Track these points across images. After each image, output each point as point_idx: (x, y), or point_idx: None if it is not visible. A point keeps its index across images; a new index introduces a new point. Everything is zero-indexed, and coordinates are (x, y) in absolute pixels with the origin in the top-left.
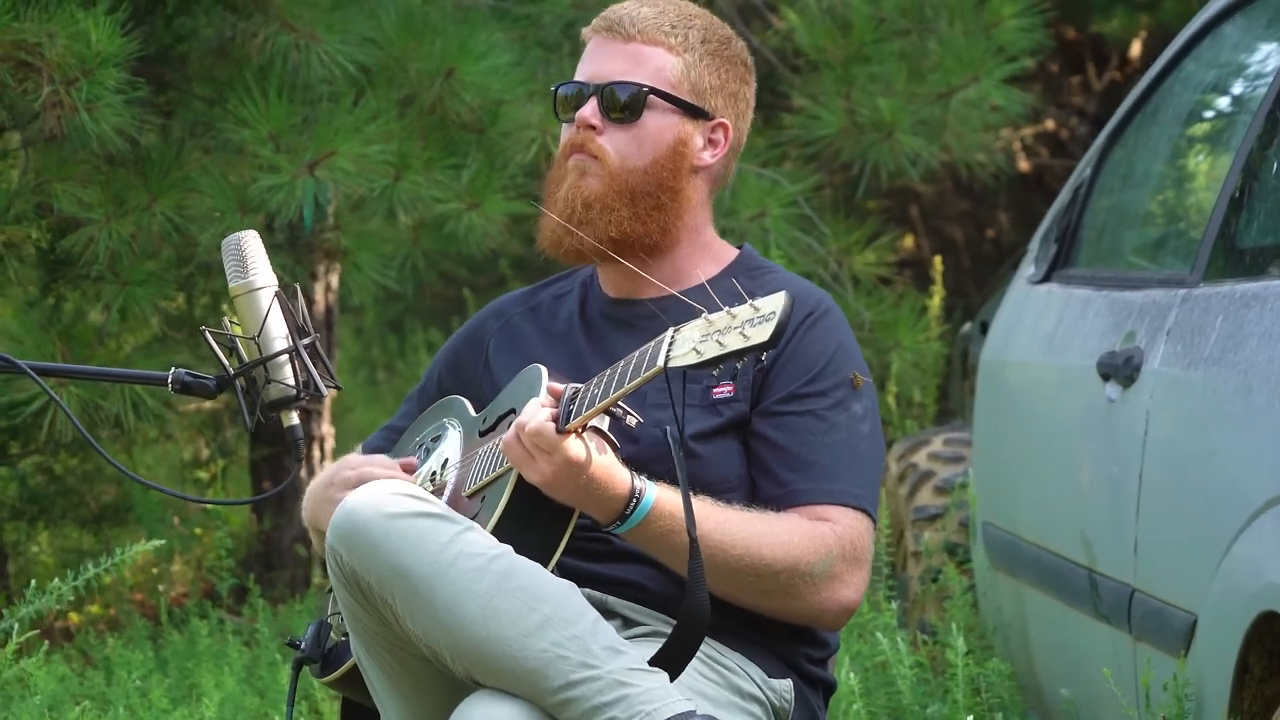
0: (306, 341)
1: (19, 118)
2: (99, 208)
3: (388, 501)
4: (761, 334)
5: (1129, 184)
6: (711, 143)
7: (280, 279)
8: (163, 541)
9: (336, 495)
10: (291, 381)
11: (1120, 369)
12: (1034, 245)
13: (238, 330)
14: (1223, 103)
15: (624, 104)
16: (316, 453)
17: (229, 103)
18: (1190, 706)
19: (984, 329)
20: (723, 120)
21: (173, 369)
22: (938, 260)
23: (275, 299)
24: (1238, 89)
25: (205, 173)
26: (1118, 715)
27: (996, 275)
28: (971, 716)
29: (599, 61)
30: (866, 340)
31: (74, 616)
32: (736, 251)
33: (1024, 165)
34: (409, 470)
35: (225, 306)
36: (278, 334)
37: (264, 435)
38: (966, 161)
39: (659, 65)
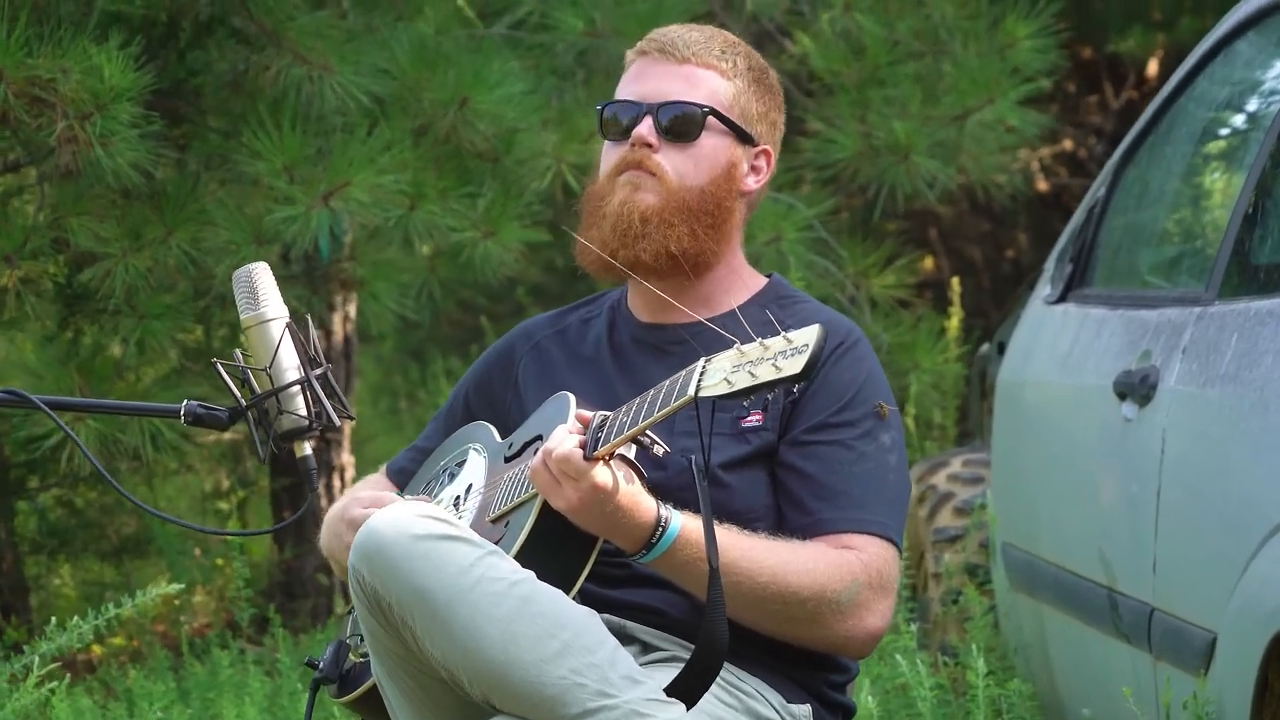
0: (318, 372)
1: (35, 153)
2: (115, 242)
3: (411, 523)
4: (794, 366)
5: (1143, 203)
6: (755, 169)
7: (294, 310)
8: (182, 586)
9: (346, 538)
10: (304, 412)
11: (1136, 388)
12: (1050, 265)
13: (250, 362)
14: (1236, 120)
15: (683, 123)
16: (337, 482)
17: (243, 135)
18: None
19: (1001, 349)
20: (766, 147)
21: (185, 401)
22: (955, 281)
23: (286, 330)
24: (1250, 106)
25: (221, 205)
26: None
27: (1013, 296)
28: None
29: (653, 81)
30: (885, 363)
31: (96, 649)
32: (766, 280)
33: (1042, 185)
34: None
35: (242, 337)
36: (289, 365)
37: (284, 466)
38: (983, 183)
39: (713, 88)
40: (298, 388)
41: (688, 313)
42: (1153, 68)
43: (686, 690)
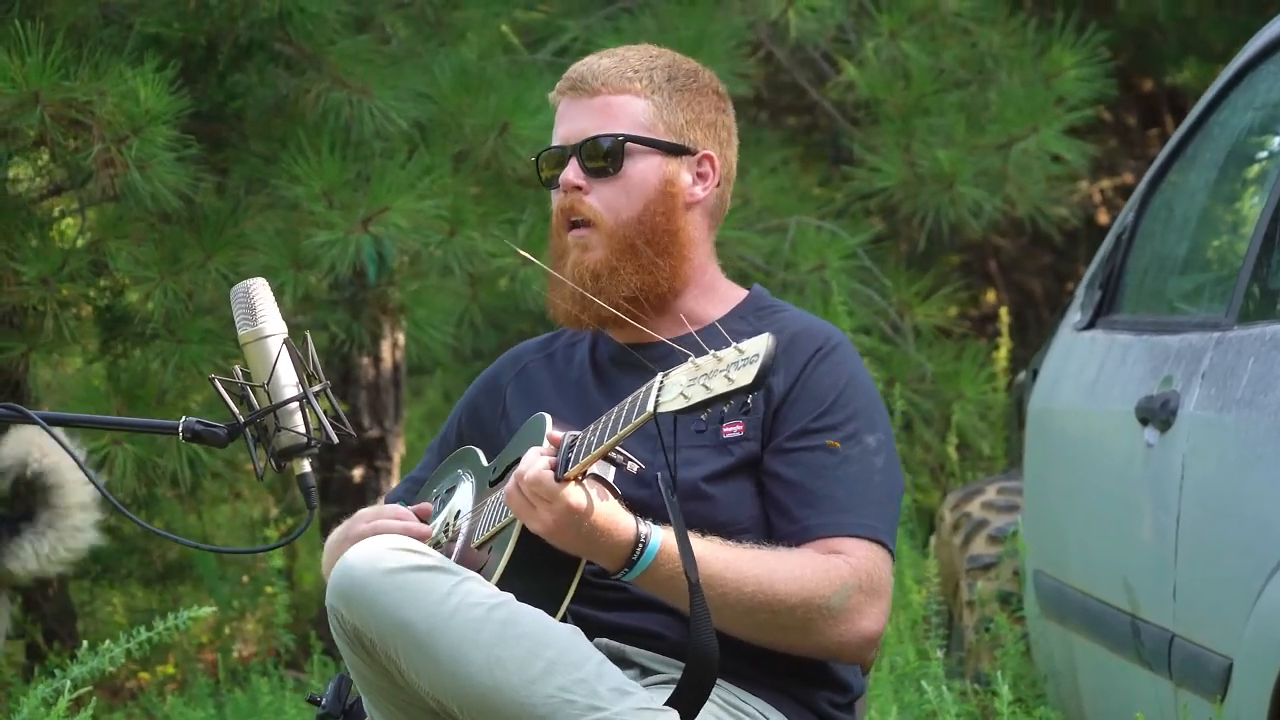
0: (317, 389)
1: (75, 177)
2: (153, 266)
3: (384, 557)
4: (745, 376)
5: (1169, 229)
6: (700, 176)
7: (337, 335)
8: (214, 609)
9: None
10: (302, 429)
11: (1157, 413)
12: (1079, 292)
13: (247, 379)
14: (1258, 146)
15: (603, 157)
16: None
17: (282, 160)
18: None
19: (1036, 377)
20: (707, 152)
21: (183, 418)
22: (1004, 312)
23: (284, 346)
24: (1272, 132)
25: (259, 230)
26: None
27: (1048, 324)
28: None
29: (571, 122)
30: (929, 392)
31: (145, 676)
32: (745, 292)
33: (1103, 218)
34: (425, 515)
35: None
36: (287, 381)
37: (333, 493)
38: (1031, 214)
39: (630, 112)
40: (296, 405)
41: (670, 330)
42: None
43: (683, 706)
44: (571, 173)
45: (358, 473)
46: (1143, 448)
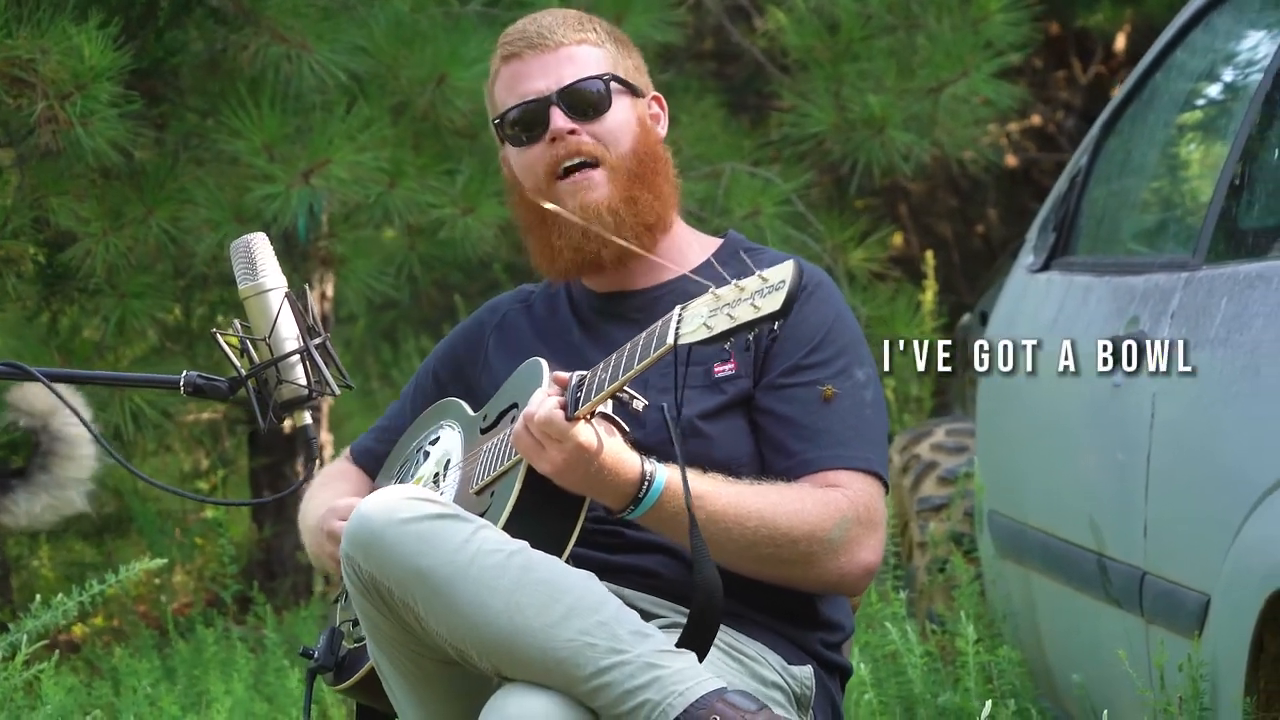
0: (317, 341)
1: (13, 134)
2: (95, 221)
3: (400, 506)
4: (772, 304)
5: (1126, 171)
6: (655, 117)
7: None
8: (165, 560)
9: (329, 547)
10: (303, 381)
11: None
12: (1032, 234)
13: (247, 332)
14: (1217, 89)
15: (592, 99)
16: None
17: (222, 114)
18: (1205, 686)
19: (984, 319)
20: (655, 94)
21: (184, 372)
22: (929, 255)
23: (285, 300)
24: (1231, 75)
25: (200, 184)
26: (1131, 698)
27: (994, 266)
28: (984, 702)
29: (540, 76)
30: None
31: (78, 629)
32: (720, 239)
33: (1011, 160)
34: None
35: (220, 317)
36: (288, 335)
37: (262, 444)
38: (958, 157)
39: (597, 58)
40: (297, 357)
41: (644, 276)
42: (1120, 42)
43: (693, 642)
44: (560, 121)
45: (288, 424)
46: (1109, 388)
